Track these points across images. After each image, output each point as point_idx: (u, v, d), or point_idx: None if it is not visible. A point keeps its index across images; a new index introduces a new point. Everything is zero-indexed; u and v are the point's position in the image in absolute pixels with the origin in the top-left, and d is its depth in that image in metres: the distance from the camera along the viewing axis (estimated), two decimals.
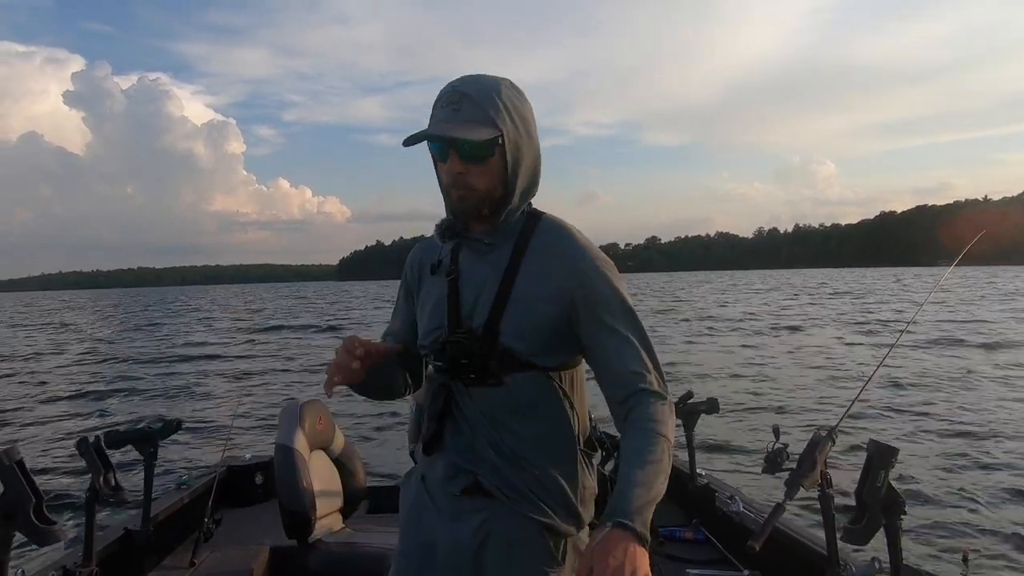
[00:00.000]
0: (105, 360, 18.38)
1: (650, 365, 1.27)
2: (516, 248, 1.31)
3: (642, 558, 1.03)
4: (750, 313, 27.07)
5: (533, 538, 1.30)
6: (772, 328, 19.97)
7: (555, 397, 1.32)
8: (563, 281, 1.27)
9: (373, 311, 38.09)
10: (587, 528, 1.37)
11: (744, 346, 16.09)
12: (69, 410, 11.21)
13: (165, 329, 29.12)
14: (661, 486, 1.18)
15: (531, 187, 1.34)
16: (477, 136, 1.20)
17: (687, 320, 24.49)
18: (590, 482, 1.36)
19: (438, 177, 1.31)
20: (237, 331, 26.54)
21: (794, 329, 19.17)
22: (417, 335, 1.42)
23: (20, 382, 14.67)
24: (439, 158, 1.27)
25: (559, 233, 1.32)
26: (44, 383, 14.32)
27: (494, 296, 1.29)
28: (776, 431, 1.93)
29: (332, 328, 26.48)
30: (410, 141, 1.23)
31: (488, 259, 1.32)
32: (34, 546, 2.10)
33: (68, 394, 12.93)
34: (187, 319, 36.31)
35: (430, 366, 1.40)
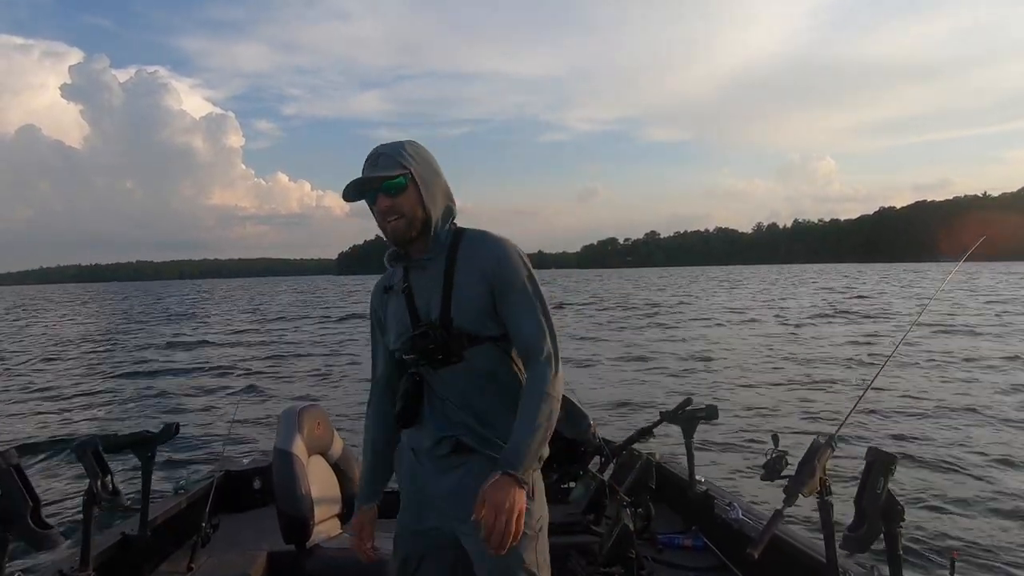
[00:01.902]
0: (105, 362, 18.35)
1: (545, 334, 1.67)
2: (449, 256, 1.71)
3: (519, 496, 1.54)
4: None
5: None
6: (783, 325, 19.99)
7: (505, 361, 1.72)
8: (486, 270, 1.68)
9: None
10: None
11: (751, 345, 16.09)
12: (67, 413, 11.18)
13: (168, 328, 29.09)
14: (544, 439, 1.62)
15: (449, 209, 1.76)
16: (391, 172, 1.65)
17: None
18: None
19: (377, 221, 1.72)
20: (239, 332, 26.51)
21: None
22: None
23: (17, 384, 14.64)
24: (372, 203, 1.70)
25: (480, 238, 1.75)
26: (42, 385, 14.29)
27: (440, 295, 1.69)
28: (775, 438, 1.93)
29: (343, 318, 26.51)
30: (347, 193, 1.68)
31: (428, 271, 1.73)
32: (31, 551, 2.10)
33: (66, 397, 12.90)
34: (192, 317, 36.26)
35: (401, 360, 1.79)
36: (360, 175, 1.67)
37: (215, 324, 32.68)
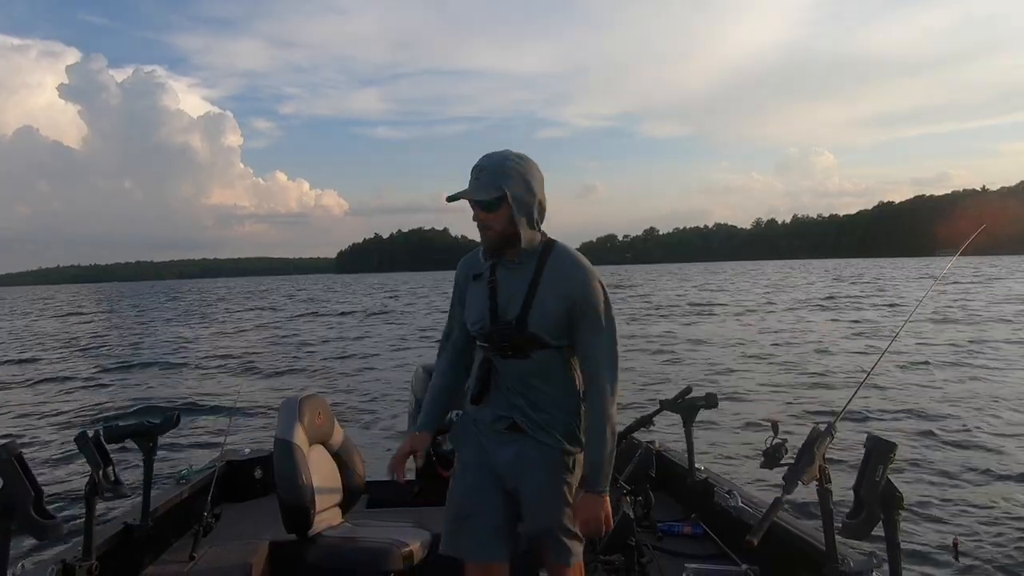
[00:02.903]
0: (108, 354, 18.37)
1: (611, 361, 1.93)
2: (537, 267, 1.96)
3: (604, 505, 1.92)
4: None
5: (552, 458, 1.99)
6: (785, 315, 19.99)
7: (564, 366, 1.99)
8: (568, 291, 1.93)
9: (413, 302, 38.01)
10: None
11: (745, 338, 16.10)
12: (68, 404, 11.21)
13: (167, 324, 29.12)
14: (612, 456, 1.94)
15: (539, 219, 1.96)
16: (487, 196, 1.88)
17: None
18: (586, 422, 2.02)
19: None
20: (241, 325, 26.53)
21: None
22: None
23: (20, 375, 14.66)
24: (474, 211, 1.94)
25: (567, 258, 1.98)
26: (45, 376, 14.32)
27: (523, 299, 1.94)
28: (775, 426, 1.93)
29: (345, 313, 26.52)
30: (451, 199, 1.92)
31: (516, 274, 1.97)
32: (34, 540, 2.11)
33: (68, 388, 12.93)
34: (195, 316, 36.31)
35: (477, 343, 2.05)
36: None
37: (217, 318, 32.70)
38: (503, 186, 1.86)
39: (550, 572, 2.08)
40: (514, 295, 1.95)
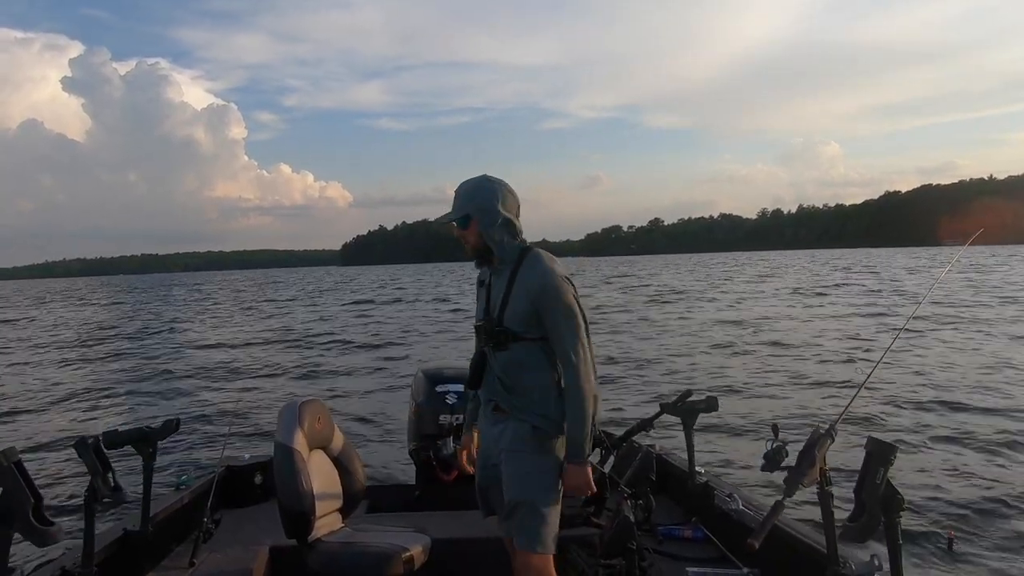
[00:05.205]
0: (106, 357, 18.35)
1: (574, 342, 2.20)
2: (512, 272, 2.29)
3: (584, 474, 2.20)
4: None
5: (529, 435, 2.28)
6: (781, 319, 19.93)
7: (538, 356, 2.28)
8: (532, 293, 2.24)
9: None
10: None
11: (745, 342, 16.08)
12: (68, 410, 11.19)
13: (166, 325, 29.06)
14: (587, 424, 2.20)
15: (512, 234, 2.32)
16: (456, 215, 2.31)
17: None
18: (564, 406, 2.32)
19: None
20: (239, 329, 26.46)
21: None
22: None
23: (18, 381, 14.64)
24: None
25: (534, 263, 2.29)
26: (43, 381, 14.29)
27: (501, 300, 2.30)
28: (775, 428, 1.93)
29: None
30: (437, 221, 2.37)
31: (501, 278, 2.33)
32: (33, 547, 2.10)
33: (66, 394, 12.91)
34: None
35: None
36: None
37: (217, 319, 32.67)
38: (469, 207, 2.27)
39: (516, 560, 2.28)
40: (498, 295, 2.31)
